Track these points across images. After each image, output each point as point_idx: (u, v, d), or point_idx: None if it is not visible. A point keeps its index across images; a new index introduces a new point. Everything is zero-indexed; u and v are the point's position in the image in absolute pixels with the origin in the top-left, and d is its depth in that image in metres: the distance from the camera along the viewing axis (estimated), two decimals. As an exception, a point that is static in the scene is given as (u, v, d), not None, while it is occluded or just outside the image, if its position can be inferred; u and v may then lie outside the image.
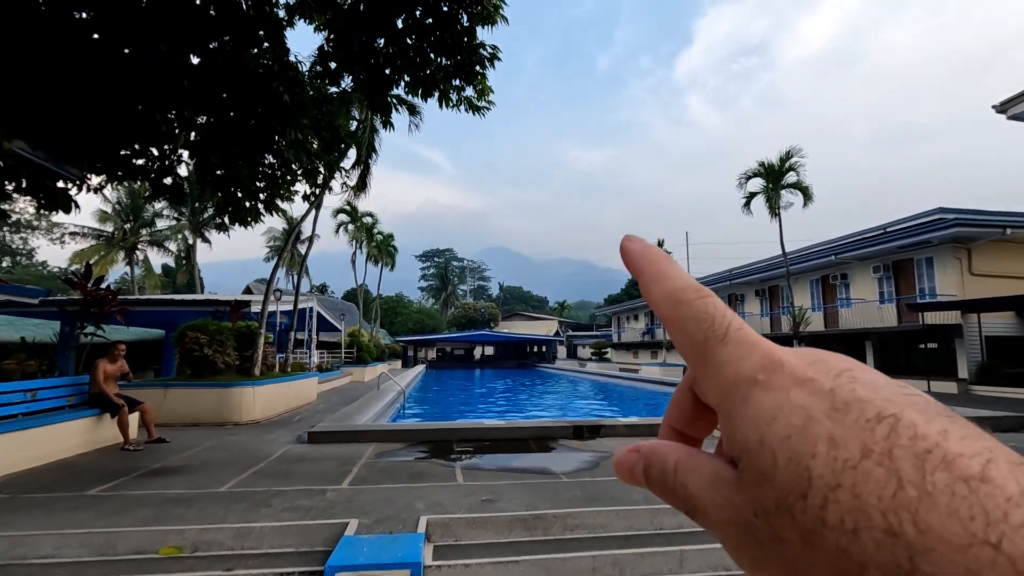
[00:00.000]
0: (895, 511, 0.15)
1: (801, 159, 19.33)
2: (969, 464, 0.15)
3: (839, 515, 0.16)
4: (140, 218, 34.70)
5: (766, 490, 0.18)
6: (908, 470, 0.15)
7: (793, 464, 0.17)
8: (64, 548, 3.41)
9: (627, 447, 0.26)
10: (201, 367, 9.64)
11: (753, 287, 28.72)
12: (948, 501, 0.15)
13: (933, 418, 0.17)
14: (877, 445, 0.16)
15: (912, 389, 0.20)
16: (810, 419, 0.18)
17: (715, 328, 0.23)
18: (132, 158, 8.27)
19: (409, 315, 63.09)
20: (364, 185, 19.98)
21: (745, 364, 0.21)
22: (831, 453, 0.17)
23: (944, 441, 0.16)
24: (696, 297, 0.24)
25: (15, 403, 5.88)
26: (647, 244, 0.27)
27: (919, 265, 19.21)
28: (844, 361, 0.21)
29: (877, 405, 0.18)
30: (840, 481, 0.16)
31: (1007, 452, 0.16)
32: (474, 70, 7.90)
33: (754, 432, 0.19)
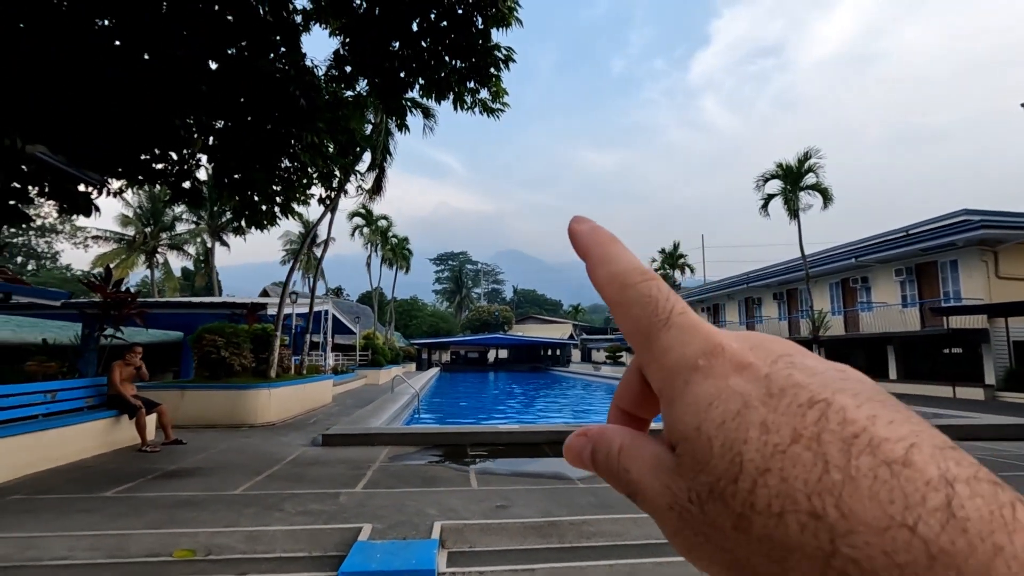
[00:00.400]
0: (819, 494, 0.15)
1: (820, 160, 19.03)
2: (893, 448, 0.16)
3: (767, 499, 0.16)
4: (160, 222, 35.33)
5: (701, 476, 0.18)
6: (835, 454, 0.16)
7: (726, 450, 0.17)
8: (77, 550, 3.41)
9: (577, 431, 0.25)
10: (218, 369, 9.72)
11: (771, 290, 28.30)
12: (870, 485, 0.15)
13: (864, 403, 0.17)
14: (807, 430, 0.17)
15: (854, 373, 0.20)
16: (746, 405, 0.18)
17: (658, 312, 0.22)
18: (151, 162, 8.38)
19: (423, 318, 63.30)
20: (379, 188, 20.08)
21: (687, 349, 0.21)
22: (763, 438, 0.17)
23: (872, 425, 0.16)
24: (641, 280, 0.23)
25: (36, 404, 5.95)
26: (595, 226, 0.26)
27: (943, 268, 18.76)
28: (784, 346, 0.21)
29: (811, 390, 0.18)
30: (769, 466, 0.16)
31: (933, 436, 0.17)
32: (489, 72, 7.88)
33: (692, 418, 0.19)
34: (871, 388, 0.19)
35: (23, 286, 10.91)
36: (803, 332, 23.22)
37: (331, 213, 14.80)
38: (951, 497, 0.14)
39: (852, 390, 0.18)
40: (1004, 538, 0.14)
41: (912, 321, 19.32)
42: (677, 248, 31.09)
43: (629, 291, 0.23)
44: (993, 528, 0.14)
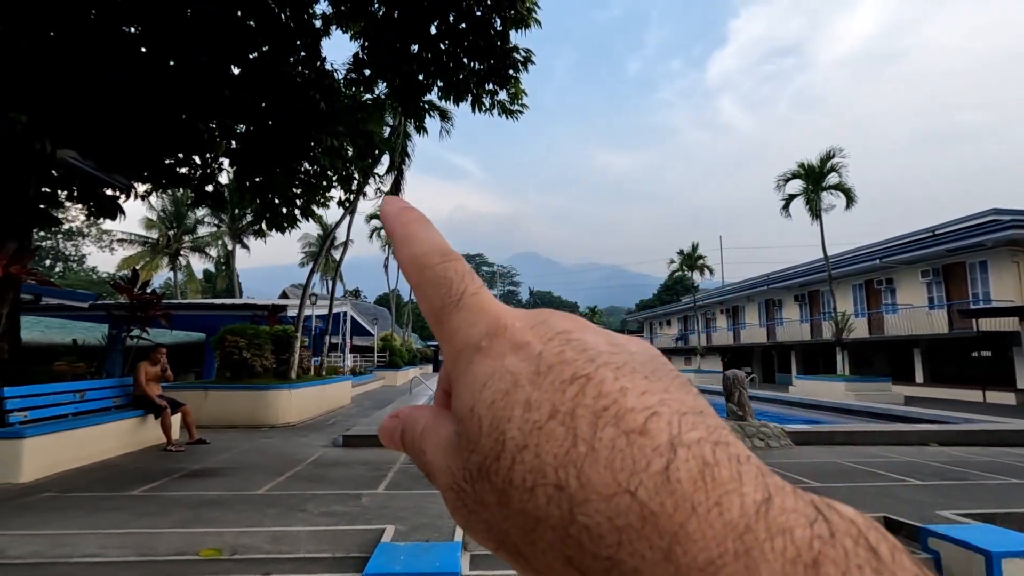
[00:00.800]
0: (565, 467, 0.16)
1: (843, 159, 18.67)
2: (635, 418, 0.16)
3: (523, 474, 0.16)
4: (183, 225, 36.01)
5: (473, 456, 0.18)
6: (584, 428, 0.16)
7: (493, 429, 0.18)
8: (107, 548, 3.46)
9: (391, 412, 0.25)
10: (240, 370, 9.84)
11: (792, 292, 27.86)
12: (608, 455, 0.16)
13: (624, 375, 0.18)
14: (564, 405, 0.17)
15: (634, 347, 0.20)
16: (515, 384, 0.18)
17: (451, 293, 0.22)
18: (176, 166, 8.54)
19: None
20: (398, 190, 20.20)
21: (472, 331, 0.21)
22: (524, 416, 0.17)
23: (622, 397, 0.17)
24: (440, 261, 0.23)
25: (65, 403, 6.07)
26: (404, 206, 0.26)
27: (972, 269, 18.29)
28: (568, 322, 0.21)
29: (575, 367, 0.18)
30: (527, 442, 0.17)
31: (680, 404, 0.17)
32: (507, 73, 7.87)
33: (468, 399, 0.19)
34: (642, 359, 0.19)
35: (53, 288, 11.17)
36: (826, 334, 22.80)
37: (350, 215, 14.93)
38: (671, 461, 0.15)
39: (616, 363, 0.18)
40: (702, 497, 0.14)
41: (939, 323, 18.85)
42: (696, 249, 30.75)
43: (427, 272, 0.23)
44: (696, 488, 0.15)
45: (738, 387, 7.92)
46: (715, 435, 0.16)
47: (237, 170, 8.82)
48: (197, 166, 8.70)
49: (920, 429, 8.34)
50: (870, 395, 15.17)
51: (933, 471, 6.01)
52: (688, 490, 0.15)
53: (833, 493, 4.85)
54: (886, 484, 5.32)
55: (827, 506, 0.15)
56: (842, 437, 7.93)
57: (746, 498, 0.15)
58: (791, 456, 6.82)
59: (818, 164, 18.99)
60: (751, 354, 32.42)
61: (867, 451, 7.24)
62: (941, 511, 4.14)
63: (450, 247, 0.24)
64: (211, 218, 36.50)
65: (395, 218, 0.26)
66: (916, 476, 5.69)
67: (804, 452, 7.12)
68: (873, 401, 14.14)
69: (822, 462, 6.43)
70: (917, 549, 3.42)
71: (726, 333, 35.05)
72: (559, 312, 0.22)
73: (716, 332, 36.61)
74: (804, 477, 5.56)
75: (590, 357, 0.19)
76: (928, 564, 0.13)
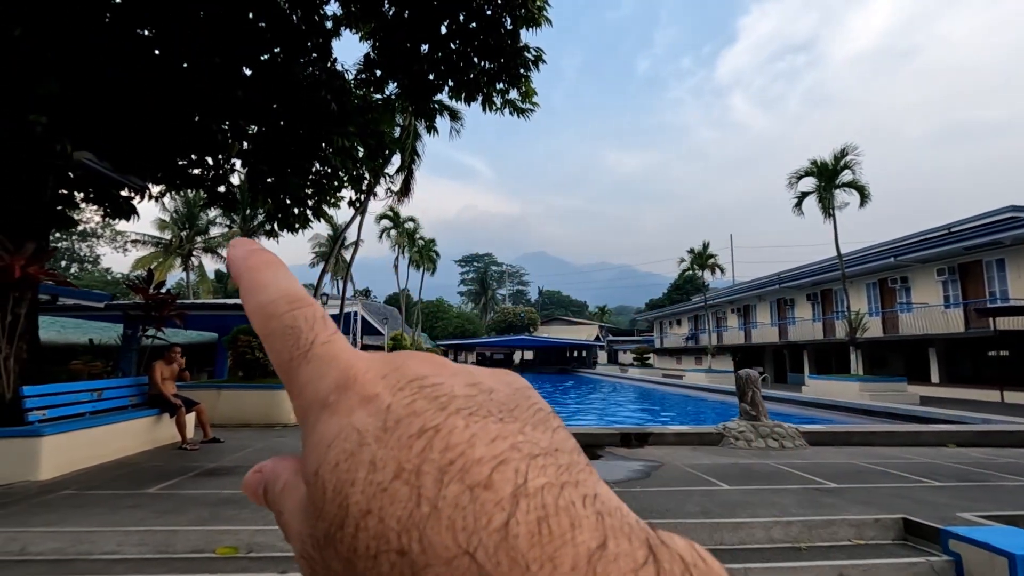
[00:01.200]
0: (408, 531, 0.14)
1: (857, 156, 18.45)
2: (481, 470, 0.15)
3: (366, 542, 0.15)
4: (195, 226, 36.39)
5: (319, 523, 0.16)
6: (429, 486, 0.15)
7: (336, 494, 0.16)
8: (126, 545, 3.50)
9: (256, 466, 0.22)
10: (252, 369, 9.92)
11: (804, 291, 27.60)
12: (450, 514, 0.14)
13: (475, 423, 0.16)
14: (409, 463, 0.16)
15: (496, 382, 0.19)
16: (361, 443, 0.17)
17: (299, 344, 0.20)
18: (189, 168, 8.62)
19: (450, 320, 63.65)
20: (407, 190, 20.27)
21: (321, 384, 0.19)
22: (369, 478, 0.16)
23: (470, 448, 0.16)
24: (287, 310, 0.21)
25: (82, 402, 6.15)
26: (252, 249, 0.24)
27: (989, 267, 18.01)
28: (424, 366, 0.19)
29: (424, 418, 0.17)
30: (371, 507, 0.15)
31: (533, 446, 0.16)
32: (518, 72, 7.84)
33: (313, 462, 0.17)
34: (501, 399, 0.18)
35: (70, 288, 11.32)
36: (839, 334, 22.56)
37: (360, 215, 14.99)
38: (512, 515, 0.14)
39: (470, 408, 0.17)
40: (537, 553, 0.14)
41: (955, 322, 18.58)
42: (707, 248, 30.53)
43: (273, 323, 0.21)
44: (532, 544, 0.14)
45: (751, 387, 7.85)
46: (563, 476, 0.15)
47: (249, 171, 8.88)
48: (210, 167, 8.77)
49: (937, 430, 8.23)
50: (885, 395, 14.99)
51: (952, 472, 5.92)
52: (524, 547, 0.14)
53: (850, 495, 4.81)
54: (904, 486, 5.25)
55: (660, 543, 0.15)
56: (858, 438, 7.84)
57: (580, 548, 0.14)
58: (806, 457, 6.76)
59: (831, 162, 18.79)
60: (763, 354, 32.17)
61: (883, 452, 7.15)
62: (961, 513, 4.08)
63: (303, 292, 0.22)
64: (223, 219, 36.84)
65: (242, 263, 0.23)
66: (935, 477, 5.61)
67: (820, 453, 7.04)
68: (888, 401, 13.98)
69: (838, 463, 6.36)
70: (938, 551, 3.37)
71: (737, 332, 34.81)
72: (419, 354, 0.20)
73: (727, 331, 36.36)
74: (821, 478, 5.50)
75: (441, 405, 0.17)
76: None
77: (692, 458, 6.55)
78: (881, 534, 3.82)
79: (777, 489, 5.09)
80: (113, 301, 14.17)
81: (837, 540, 3.77)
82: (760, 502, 4.51)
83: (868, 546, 3.71)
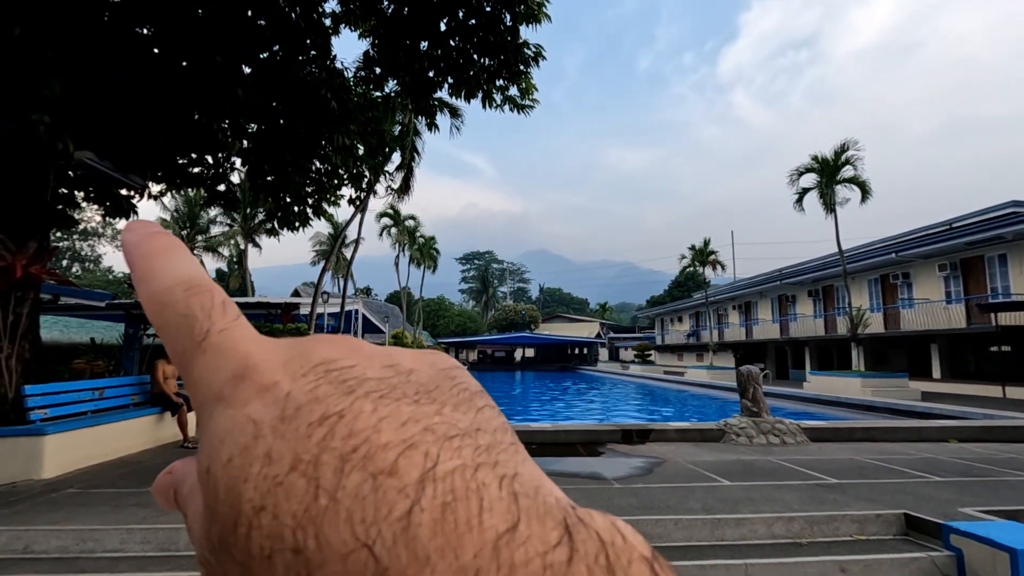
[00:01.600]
0: (303, 527, 0.13)
1: (858, 152, 18.40)
2: (385, 457, 0.14)
3: (259, 542, 0.14)
4: (196, 225, 36.44)
5: (213, 526, 0.15)
6: (328, 477, 0.14)
7: (229, 492, 0.15)
8: (129, 543, 3.51)
9: (168, 466, 0.21)
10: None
11: (805, 287, 27.56)
12: (349, 505, 0.13)
13: (385, 406, 0.15)
14: (308, 453, 0.14)
15: (417, 362, 0.18)
16: (256, 435, 0.15)
17: (194, 333, 0.18)
18: (189, 166, 8.63)
19: (451, 318, 63.72)
20: (407, 188, 20.26)
21: (216, 377, 0.17)
22: (263, 472, 0.14)
23: (375, 434, 0.14)
24: (183, 297, 0.19)
25: (85, 401, 6.17)
26: (149, 233, 0.21)
27: (991, 262, 17.97)
28: (334, 348, 0.18)
29: (327, 404, 0.15)
30: (265, 503, 0.14)
31: (450, 427, 0.15)
32: (518, 69, 7.83)
33: (205, 460, 0.16)
34: (421, 380, 0.17)
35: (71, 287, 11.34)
36: (840, 330, 22.55)
37: (361, 214, 15.00)
38: (416, 502, 0.13)
39: (381, 391, 0.16)
40: (440, 543, 0.13)
41: (957, 318, 18.56)
42: (707, 244, 30.49)
43: (167, 312, 0.19)
44: (434, 533, 0.13)
45: (752, 383, 7.85)
46: (480, 457, 0.15)
47: (249, 169, 8.89)
48: (210, 166, 8.78)
49: (939, 425, 8.22)
50: (886, 391, 14.99)
51: (954, 468, 5.92)
52: (425, 537, 0.13)
53: (852, 490, 4.81)
54: (906, 481, 5.25)
55: (577, 522, 0.14)
56: (860, 433, 7.84)
57: (487, 533, 0.13)
58: (808, 453, 6.76)
59: (832, 157, 18.74)
60: (764, 350, 32.16)
61: (885, 447, 7.15)
62: (963, 508, 4.08)
63: (203, 277, 0.20)
64: (223, 218, 36.89)
65: (136, 248, 0.21)
66: (936, 473, 5.61)
67: (821, 449, 7.05)
68: (890, 397, 13.97)
69: (840, 459, 6.36)
70: (940, 547, 3.37)
71: (738, 329, 34.80)
72: (330, 337, 0.19)
73: (728, 328, 36.35)
74: (822, 474, 5.51)
75: (348, 389, 0.16)
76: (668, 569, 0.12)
77: (694, 454, 6.55)
78: (883, 529, 3.82)
79: (779, 485, 5.09)
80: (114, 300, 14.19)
81: (839, 536, 3.77)
82: (762, 498, 4.52)
83: (870, 541, 3.71)
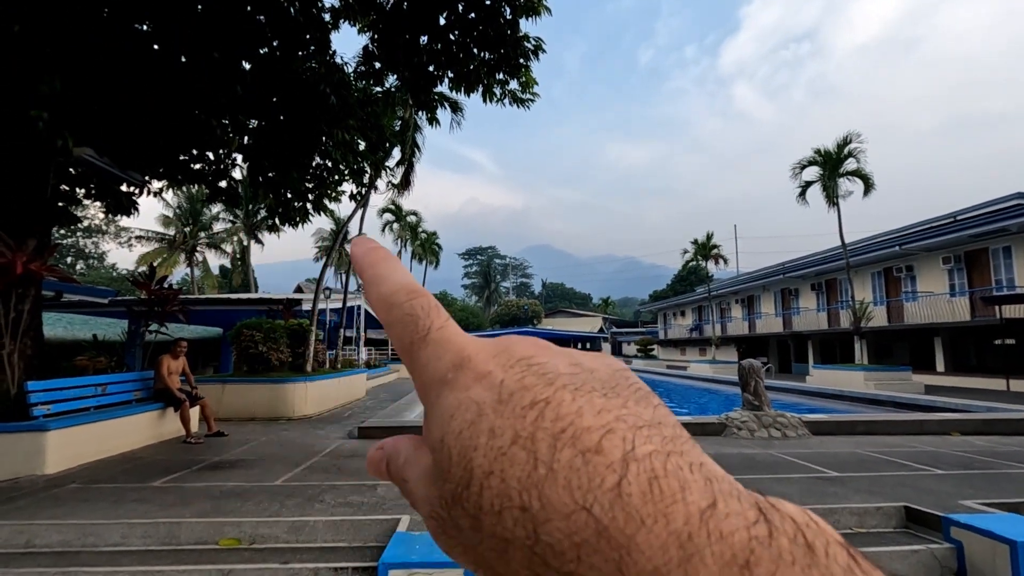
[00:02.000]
0: (528, 489, 0.17)
1: (861, 145, 18.28)
2: (591, 437, 0.17)
3: (490, 499, 0.18)
4: (199, 222, 36.45)
5: (447, 485, 0.19)
6: (543, 450, 0.17)
7: (461, 458, 0.19)
8: (130, 537, 3.53)
9: (376, 444, 0.26)
10: (256, 363, 9.97)
11: (808, 281, 27.48)
12: (566, 475, 0.17)
13: (581, 396, 0.19)
14: (525, 430, 0.18)
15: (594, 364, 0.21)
16: (479, 413, 0.20)
17: (418, 329, 0.24)
18: (190, 163, 8.62)
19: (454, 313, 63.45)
20: (408, 183, 20.23)
21: (439, 364, 0.23)
22: (489, 443, 0.18)
23: (578, 418, 0.18)
24: (406, 299, 0.25)
25: (87, 397, 6.20)
26: (371, 247, 0.28)
27: (995, 255, 17.87)
28: (530, 347, 0.22)
29: (534, 392, 0.19)
30: (493, 468, 0.18)
31: (637, 418, 0.18)
32: (518, 63, 7.79)
33: (438, 431, 0.21)
34: (602, 377, 0.20)
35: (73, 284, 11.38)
36: (844, 324, 22.48)
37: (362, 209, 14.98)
38: (623, 476, 0.16)
39: (575, 384, 0.20)
40: (651, 509, 0.15)
41: (961, 311, 18.47)
42: (710, 239, 30.43)
43: (394, 311, 0.25)
44: (645, 501, 0.16)
45: (754, 377, 7.84)
46: (668, 446, 0.17)
47: (250, 165, 8.88)
48: (211, 162, 8.77)
49: (941, 418, 8.19)
50: (889, 384, 14.95)
51: (955, 460, 5.90)
52: (637, 503, 0.16)
53: (852, 483, 4.80)
54: (907, 474, 5.24)
55: (770, 506, 0.16)
56: (862, 427, 7.82)
57: (691, 507, 0.16)
58: (809, 446, 6.75)
59: (835, 150, 18.64)
60: (767, 344, 32.10)
61: (887, 440, 7.14)
62: (964, 500, 4.07)
63: (417, 284, 0.25)
64: (226, 214, 36.90)
65: (363, 259, 0.27)
66: (938, 466, 5.59)
67: (823, 442, 7.03)
68: (893, 390, 13.93)
69: (841, 452, 6.35)
70: (940, 539, 3.36)
71: (741, 323, 34.72)
72: (522, 338, 0.23)
73: (731, 322, 36.28)
74: (823, 467, 5.50)
75: (549, 380, 0.20)
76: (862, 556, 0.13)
77: (695, 448, 6.55)
78: (883, 522, 3.81)
79: (780, 478, 5.09)
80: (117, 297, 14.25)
81: (839, 528, 3.74)
82: (763, 491, 4.51)
83: (870, 534, 3.71)
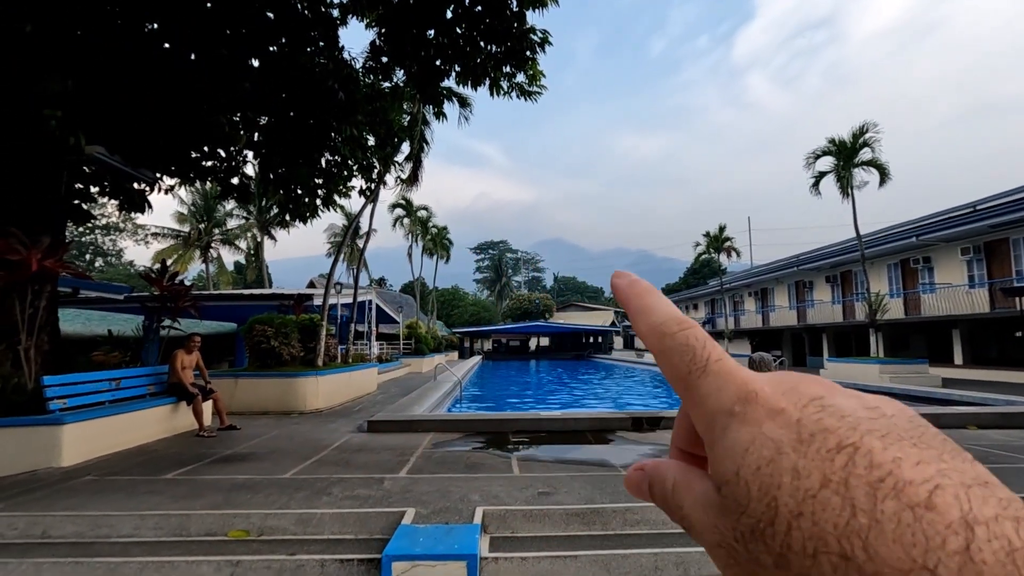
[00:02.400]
0: (848, 537, 0.16)
1: (877, 134, 17.94)
2: (917, 492, 0.17)
3: (801, 541, 0.17)
4: (213, 219, 36.88)
5: (744, 518, 0.19)
6: (861, 498, 0.17)
7: (763, 494, 0.19)
8: (142, 529, 3.60)
9: (634, 465, 0.28)
10: (268, 358, 10.08)
11: (823, 273, 27.11)
12: (894, 528, 0.16)
13: (892, 444, 0.18)
14: (835, 475, 0.18)
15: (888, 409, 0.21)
16: (778, 451, 0.19)
17: (696, 360, 0.24)
18: (201, 160, 8.70)
19: (465, 307, 63.89)
20: (416, 178, 20.26)
21: (723, 396, 0.23)
22: (795, 483, 0.18)
23: (897, 468, 0.17)
24: (679, 330, 0.25)
25: (102, 391, 6.31)
26: (634, 280, 0.29)
27: (1016, 245, 17.49)
28: (817, 387, 0.22)
29: (839, 435, 0.19)
30: (802, 510, 0.18)
31: (961, 475, 0.17)
32: (524, 55, 7.74)
33: (731, 464, 0.21)
34: (903, 425, 0.19)
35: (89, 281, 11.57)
36: (859, 316, 22.16)
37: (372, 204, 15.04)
38: (970, 540, 0.15)
39: (881, 431, 0.19)
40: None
41: (980, 303, 18.13)
42: (723, 231, 30.12)
43: (668, 340, 0.25)
44: (1006, 572, 0.15)
45: (764, 370, 7.76)
46: (1010, 510, 0.16)
47: (261, 162, 8.95)
48: (222, 159, 8.85)
49: (958, 412, 8.06)
50: (906, 377, 14.73)
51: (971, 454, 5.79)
52: (997, 573, 0.15)
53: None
54: (920, 468, 5.16)
55: None
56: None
57: None
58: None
59: (850, 140, 18.30)
60: (781, 337, 31.77)
61: (901, 434, 7.03)
62: (977, 495, 4.00)
63: (684, 315, 0.26)
64: (239, 211, 37.27)
65: (628, 290, 0.28)
66: (952, 460, 5.50)
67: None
68: (909, 384, 13.73)
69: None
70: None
71: (755, 316, 34.40)
72: (807, 376, 0.23)
73: (744, 315, 35.95)
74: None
75: (851, 424, 0.19)
76: None
77: (704, 442, 6.51)
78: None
79: (789, 472, 5.05)
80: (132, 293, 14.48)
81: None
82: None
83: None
